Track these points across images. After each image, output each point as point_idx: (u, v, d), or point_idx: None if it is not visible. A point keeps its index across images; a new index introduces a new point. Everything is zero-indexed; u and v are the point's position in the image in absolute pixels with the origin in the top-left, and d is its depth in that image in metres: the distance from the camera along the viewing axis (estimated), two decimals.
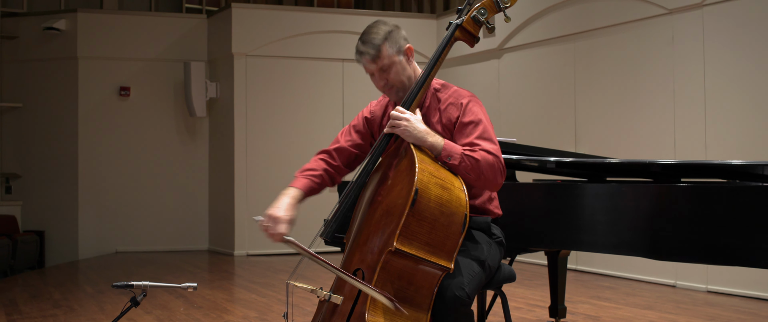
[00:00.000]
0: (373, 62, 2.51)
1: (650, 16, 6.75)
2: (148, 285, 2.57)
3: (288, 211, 2.44)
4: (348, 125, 2.79)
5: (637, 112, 6.90)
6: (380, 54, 2.50)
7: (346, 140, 2.73)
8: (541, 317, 5.16)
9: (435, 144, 2.38)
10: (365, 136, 2.74)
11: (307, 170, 2.65)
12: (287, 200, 2.48)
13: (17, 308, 5.80)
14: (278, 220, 2.40)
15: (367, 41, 2.51)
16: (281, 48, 9.33)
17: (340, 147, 2.72)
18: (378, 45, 2.50)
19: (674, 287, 6.41)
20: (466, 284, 2.32)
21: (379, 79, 2.56)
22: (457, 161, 2.36)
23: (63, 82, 9.61)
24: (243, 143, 9.19)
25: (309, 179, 2.61)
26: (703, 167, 3.25)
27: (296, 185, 2.57)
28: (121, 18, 9.77)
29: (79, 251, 9.43)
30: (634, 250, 3.07)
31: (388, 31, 2.52)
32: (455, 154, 2.37)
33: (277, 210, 2.43)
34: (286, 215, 2.42)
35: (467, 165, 2.36)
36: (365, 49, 2.51)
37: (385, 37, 2.51)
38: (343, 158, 2.72)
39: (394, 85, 2.55)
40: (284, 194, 2.52)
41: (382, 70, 2.53)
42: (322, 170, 2.66)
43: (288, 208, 2.45)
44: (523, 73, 8.34)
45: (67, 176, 9.56)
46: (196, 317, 5.30)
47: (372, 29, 2.54)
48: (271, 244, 8.95)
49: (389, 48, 2.51)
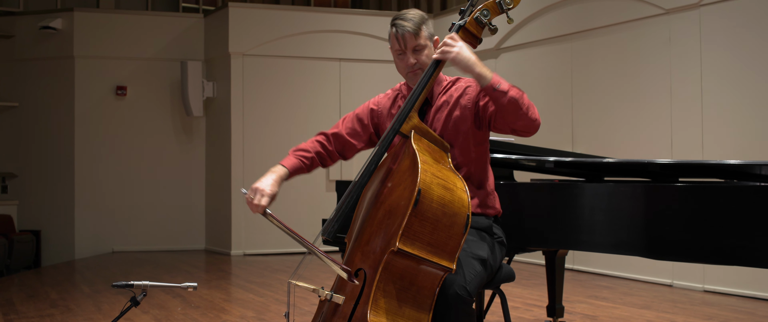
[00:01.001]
0: (414, 38, 2.57)
1: (647, 16, 6.76)
2: (148, 285, 2.57)
3: (271, 186, 2.52)
4: (352, 112, 2.83)
5: (634, 112, 6.92)
6: (420, 32, 2.57)
7: (346, 128, 2.78)
8: (539, 316, 5.16)
9: (484, 73, 2.41)
10: (366, 128, 2.78)
11: (300, 149, 2.73)
12: (272, 176, 2.57)
13: (14, 307, 5.79)
14: (262, 193, 2.49)
15: (408, 19, 2.58)
16: (278, 48, 9.33)
17: (337, 133, 2.78)
18: (419, 24, 2.58)
19: (671, 287, 6.43)
20: (468, 283, 2.33)
21: (410, 57, 2.60)
22: (506, 88, 2.39)
23: (59, 81, 9.60)
24: (240, 143, 9.18)
25: (299, 160, 2.69)
26: (701, 167, 3.26)
27: (285, 163, 2.65)
28: (117, 17, 9.76)
29: (76, 250, 9.41)
30: (633, 249, 3.07)
31: (424, 17, 2.62)
32: (504, 83, 2.41)
33: (260, 184, 2.52)
34: (269, 189, 2.51)
35: (516, 92, 2.40)
36: (406, 23, 2.57)
37: (423, 21, 2.60)
38: (338, 145, 2.78)
39: (421, 67, 2.59)
40: (271, 171, 2.60)
41: (415, 50, 2.59)
42: (315, 152, 2.73)
43: (272, 184, 2.53)
44: (520, 73, 8.34)
45: (64, 176, 9.54)
46: (194, 316, 5.29)
47: (409, 12, 2.61)
48: (268, 244, 8.98)
49: (425, 30, 2.60)
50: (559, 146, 7.28)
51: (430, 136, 2.48)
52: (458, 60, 2.41)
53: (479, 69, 2.41)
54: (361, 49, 9.53)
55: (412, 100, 2.49)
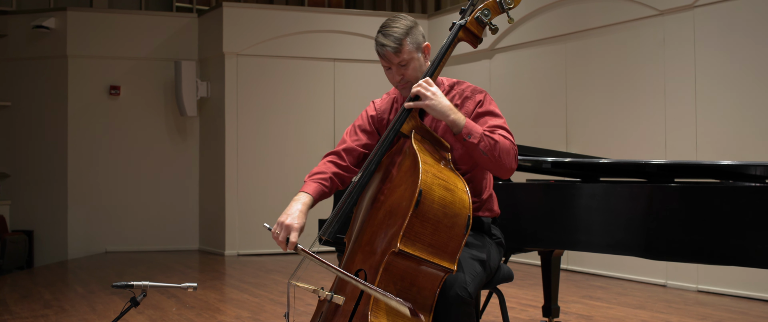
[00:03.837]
0: (396, 55, 2.50)
1: (641, 18, 6.79)
2: (147, 285, 2.56)
3: (299, 219, 2.42)
4: (352, 126, 2.76)
5: (628, 113, 6.94)
6: (402, 48, 2.50)
7: (353, 140, 2.71)
8: (534, 316, 5.18)
9: (457, 120, 2.38)
10: (372, 135, 2.72)
11: (317, 173, 2.62)
12: (298, 207, 2.45)
13: (8, 308, 5.77)
14: (289, 228, 2.39)
15: (388, 34, 2.50)
16: (272, 47, 9.32)
17: (348, 147, 2.69)
18: (400, 39, 2.49)
19: (665, 287, 6.45)
20: (468, 284, 2.33)
21: (396, 74, 2.55)
22: (476, 140, 2.37)
23: (52, 80, 9.56)
24: (234, 143, 9.17)
25: (319, 184, 2.58)
26: (697, 168, 3.27)
27: (307, 190, 2.54)
28: (111, 16, 9.72)
29: (69, 250, 9.37)
30: (629, 250, 3.09)
31: (409, 27, 2.52)
32: (476, 133, 2.38)
33: (288, 218, 2.41)
34: (297, 223, 2.40)
35: (486, 145, 2.37)
36: (387, 41, 2.50)
37: (407, 32, 2.51)
38: (352, 158, 2.68)
39: (409, 80, 2.54)
40: (295, 200, 2.49)
41: (400, 65, 2.53)
42: (331, 173, 2.63)
43: (299, 216, 2.43)
44: (514, 74, 8.36)
45: (57, 175, 9.50)
46: (189, 317, 5.28)
47: (393, 23, 2.53)
48: (262, 244, 8.97)
49: (410, 43, 2.51)
50: (553, 147, 7.31)
51: (431, 136, 2.47)
52: (431, 107, 2.38)
53: (452, 117, 2.38)
54: (356, 50, 9.52)
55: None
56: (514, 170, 2.44)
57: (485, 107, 2.54)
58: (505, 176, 2.46)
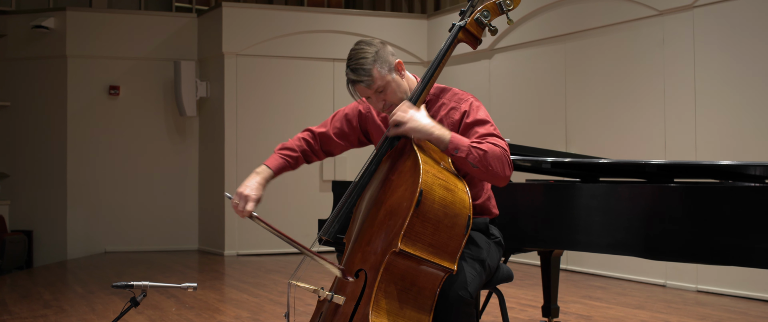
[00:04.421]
0: (369, 88, 2.47)
1: (641, 18, 6.79)
2: (148, 285, 2.56)
3: (256, 190, 2.55)
4: (342, 110, 2.80)
5: (627, 113, 6.94)
6: (373, 78, 2.44)
7: (334, 128, 2.77)
8: (534, 316, 5.18)
9: (442, 137, 2.35)
10: (354, 130, 2.77)
11: (285, 148, 2.74)
12: (257, 179, 2.59)
13: (7, 308, 5.76)
14: (247, 198, 2.52)
15: (357, 68, 2.44)
16: (272, 47, 9.32)
17: (324, 133, 2.78)
18: (369, 69, 2.43)
19: (664, 287, 6.46)
20: (468, 284, 2.33)
21: (376, 102, 2.52)
22: (464, 154, 2.33)
23: (52, 80, 9.55)
24: (233, 143, 9.17)
25: (284, 159, 2.71)
26: (696, 168, 3.28)
27: (269, 164, 2.67)
28: (110, 16, 9.72)
29: (68, 250, 9.37)
30: (629, 250, 3.09)
31: (375, 52, 2.46)
32: (462, 147, 2.34)
33: (245, 189, 2.55)
34: (254, 193, 2.54)
35: (475, 157, 2.33)
36: (357, 77, 2.45)
37: (374, 59, 2.44)
38: (324, 144, 2.78)
39: (393, 103, 2.50)
40: (255, 173, 2.63)
41: (378, 92, 2.49)
42: (300, 150, 2.75)
43: (256, 187, 2.56)
44: (514, 74, 8.36)
45: (56, 175, 9.50)
46: (188, 317, 5.28)
47: (359, 54, 2.46)
48: (261, 244, 8.96)
49: (381, 69, 2.45)
50: (552, 147, 7.31)
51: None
52: (413, 130, 2.35)
53: (436, 133, 2.34)
54: None
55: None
56: (509, 178, 2.39)
57: (472, 117, 2.48)
58: (500, 185, 2.41)
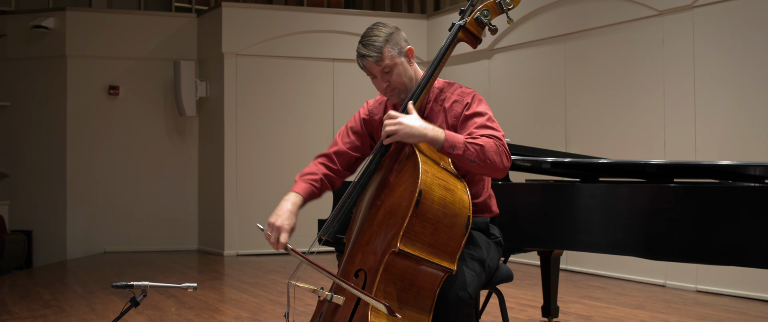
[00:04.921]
0: (377, 64, 2.49)
1: (641, 18, 6.79)
2: (148, 285, 2.56)
3: (289, 219, 2.46)
4: (345, 127, 2.76)
5: (627, 113, 6.94)
6: (383, 56, 2.48)
7: (345, 143, 2.71)
8: (534, 316, 5.18)
9: (436, 137, 2.34)
10: (363, 138, 2.72)
11: (307, 174, 2.64)
12: (288, 207, 2.49)
13: (6, 308, 5.76)
14: (279, 229, 2.44)
15: (368, 44, 2.49)
16: (271, 47, 9.32)
17: (339, 150, 2.70)
18: (380, 47, 2.48)
19: (664, 287, 6.45)
20: (468, 284, 2.33)
21: (381, 82, 2.54)
22: (461, 151, 2.33)
23: (51, 80, 9.55)
24: (233, 143, 9.17)
25: (309, 184, 2.60)
26: (696, 168, 3.28)
27: (297, 190, 2.57)
28: (110, 16, 9.72)
29: (68, 250, 9.37)
30: (629, 250, 3.09)
31: (389, 33, 2.51)
32: (458, 144, 2.33)
33: (278, 219, 2.45)
34: (287, 223, 2.45)
35: (472, 152, 2.33)
36: (367, 52, 2.49)
37: (387, 39, 2.49)
38: (343, 162, 2.70)
39: (396, 87, 2.53)
40: (285, 200, 2.52)
41: (384, 73, 2.51)
42: (322, 174, 2.65)
43: (288, 216, 2.47)
44: (513, 74, 8.36)
45: (55, 175, 9.50)
46: (188, 317, 5.28)
47: (372, 31, 2.52)
48: (261, 244, 8.95)
49: (391, 50, 2.49)
50: (552, 147, 7.31)
51: None
52: (407, 136, 2.33)
53: (430, 135, 2.33)
54: (354, 50, 9.50)
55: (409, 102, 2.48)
56: (508, 168, 2.39)
57: (472, 109, 2.50)
58: (500, 176, 2.41)
